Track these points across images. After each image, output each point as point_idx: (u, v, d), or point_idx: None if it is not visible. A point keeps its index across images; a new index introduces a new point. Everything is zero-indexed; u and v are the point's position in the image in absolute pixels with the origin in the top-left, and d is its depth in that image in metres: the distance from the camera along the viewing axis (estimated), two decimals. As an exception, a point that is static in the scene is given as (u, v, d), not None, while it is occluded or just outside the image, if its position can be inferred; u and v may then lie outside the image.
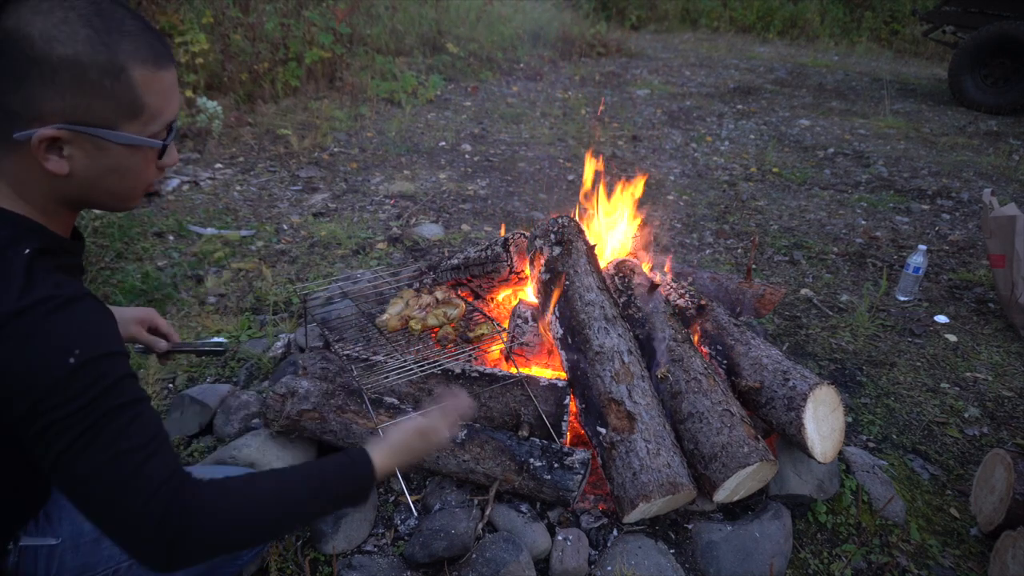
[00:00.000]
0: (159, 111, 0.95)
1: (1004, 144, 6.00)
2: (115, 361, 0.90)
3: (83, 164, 0.93)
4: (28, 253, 0.89)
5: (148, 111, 0.94)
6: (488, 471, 1.71)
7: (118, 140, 0.93)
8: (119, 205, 1.02)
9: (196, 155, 4.63)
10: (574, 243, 2.10)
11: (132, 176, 0.98)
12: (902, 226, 4.18)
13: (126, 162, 0.96)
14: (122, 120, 0.92)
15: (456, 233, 3.75)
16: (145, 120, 0.94)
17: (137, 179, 0.99)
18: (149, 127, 0.95)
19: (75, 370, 0.85)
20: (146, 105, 0.93)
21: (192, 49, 5.26)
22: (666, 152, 5.46)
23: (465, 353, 1.93)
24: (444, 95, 6.82)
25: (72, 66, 0.86)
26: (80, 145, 0.91)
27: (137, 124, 0.94)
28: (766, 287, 2.45)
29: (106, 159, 0.94)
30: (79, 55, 0.86)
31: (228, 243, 3.40)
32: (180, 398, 2.08)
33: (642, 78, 8.26)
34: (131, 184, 0.99)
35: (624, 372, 1.79)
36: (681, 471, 1.65)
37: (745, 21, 12.36)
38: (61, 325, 0.86)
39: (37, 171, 0.92)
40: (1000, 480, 1.86)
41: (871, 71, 9.38)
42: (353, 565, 1.60)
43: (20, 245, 0.90)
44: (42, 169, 0.91)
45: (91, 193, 0.97)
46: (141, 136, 0.95)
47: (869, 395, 2.53)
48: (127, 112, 0.92)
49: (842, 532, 1.85)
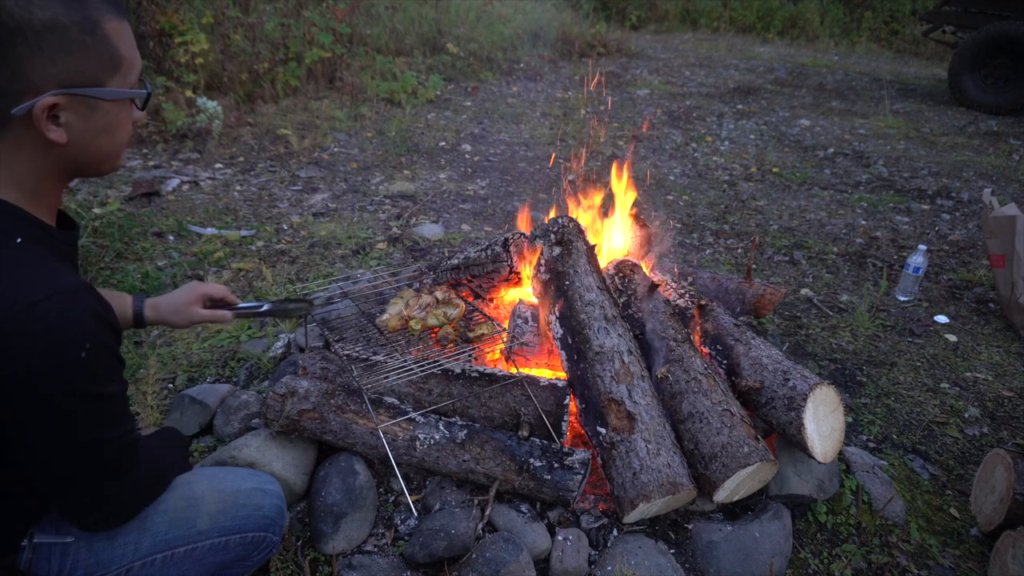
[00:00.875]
0: (132, 61, 0.96)
1: (1004, 144, 6.00)
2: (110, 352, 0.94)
3: (79, 129, 0.93)
4: (21, 243, 0.90)
5: (125, 62, 0.95)
6: (488, 471, 1.71)
7: (109, 96, 0.93)
8: (106, 167, 1.02)
9: (196, 155, 4.63)
10: (574, 243, 2.10)
11: (120, 132, 0.99)
12: (902, 226, 4.18)
13: (115, 118, 0.97)
14: (107, 76, 0.93)
15: (456, 233, 3.75)
16: (124, 72, 0.95)
17: (123, 135, 1.00)
18: (128, 78, 0.96)
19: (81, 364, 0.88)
20: (123, 56, 0.94)
21: (192, 49, 5.26)
22: (666, 152, 5.46)
23: (465, 353, 1.93)
24: (444, 95, 6.82)
25: (55, 28, 0.85)
26: (75, 109, 0.91)
27: (119, 77, 0.94)
28: (766, 287, 2.45)
29: (99, 119, 0.94)
30: (58, 16, 0.85)
31: (228, 243, 3.40)
32: (180, 398, 2.08)
33: (642, 78, 8.26)
34: (119, 141, 1.00)
35: (624, 372, 1.79)
36: (681, 471, 1.65)
37: (745, 21, 12.36)
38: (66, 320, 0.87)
39: (29, 148, 0.91)
40: (1000, 480, 1.86)
41: (871, 71, 9.38)
42: (353, 565, 1.60)
43: (12, 235, 0.90)
44: (34, 145, 0.91)
45: (83, 158, 0.97)
46: (126, 88, 0.96)
47: (869, 395, 2.53)
48: (109, 66, 0.92)
49: (842, 532, 1.85)
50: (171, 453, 1.28)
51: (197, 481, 1.25)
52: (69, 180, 1.02)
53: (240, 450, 1.76)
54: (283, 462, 1.77)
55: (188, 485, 1.23)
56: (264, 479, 1.35)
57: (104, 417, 0.96)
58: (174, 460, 1.27)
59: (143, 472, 1.11)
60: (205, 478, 1.28)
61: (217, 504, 1.23)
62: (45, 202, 0.98)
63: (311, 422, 1.79)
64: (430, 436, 1.75)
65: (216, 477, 1.30)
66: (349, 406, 1.81)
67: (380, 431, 1.73)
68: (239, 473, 1.35)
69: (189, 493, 1.21)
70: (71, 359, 0.87)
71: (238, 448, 1.77)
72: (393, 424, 1.77)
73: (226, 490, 1.26)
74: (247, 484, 1.30)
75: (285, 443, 1.81)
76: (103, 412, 0.96)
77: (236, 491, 1.27)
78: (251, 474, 1.36)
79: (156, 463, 1.18)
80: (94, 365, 0.90)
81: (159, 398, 2.22)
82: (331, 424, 1.78)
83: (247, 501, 1.27)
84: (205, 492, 1.23)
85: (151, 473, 1.16)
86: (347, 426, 1.78)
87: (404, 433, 1.76)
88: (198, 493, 1.22)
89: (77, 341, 0.87)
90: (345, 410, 1.80)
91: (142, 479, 1.12)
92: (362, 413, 1.79)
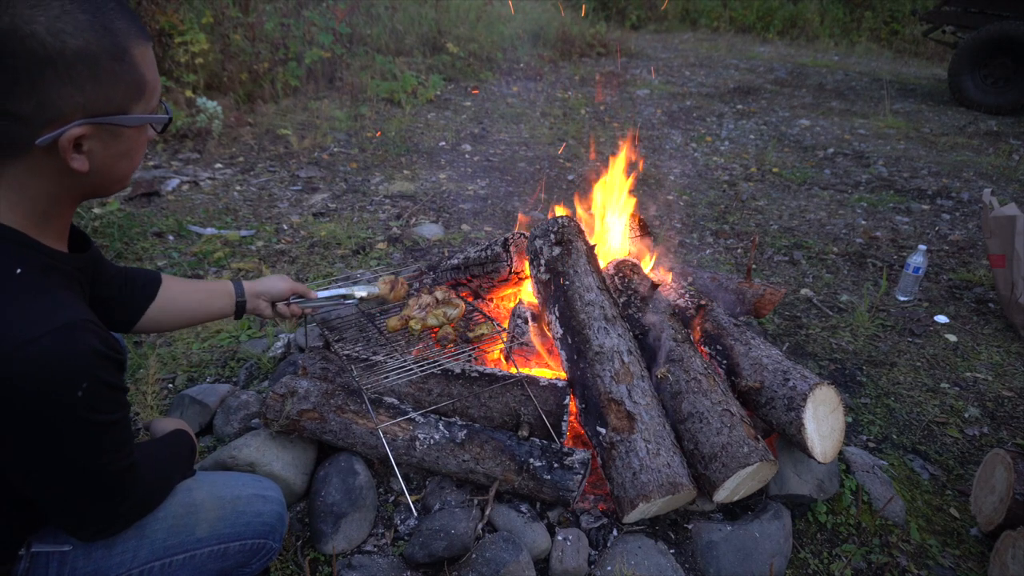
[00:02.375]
0: (155, 85, 0.95)
1: (1004, 144, 6.00)
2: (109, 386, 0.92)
3: (100, 156, 0.92)
4: (21, 273, 0.88)
5: (149, 87, 0.94)
6: (488, 471, 1.71)
7: (133, 123, 0.92)
8: (117, 188, 1.01)
9: (196, 155, 4.63)
10: (574, 243, 2.10)
11: (137, 155, 0.98)
12: (902, 226, 4.18)
13: (135, 144, 0.96)
14: (132, 102, 0.91)
15: (456, 233, 3.75)
16: (148, 97, 0.94)
17: (139, 158, 0.99)
18: (151, 103, 0.95)
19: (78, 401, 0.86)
20: (148, 81, 0.93)
21: (192, 49, 5.25)
22: (666, 152, 5.46)
23: (465, 353, 1.92)
24: (444, 95, 6.82)
25: (86, 57, 0.83)
26: (99, 137, 0.90)
27: (143, 103, 0.93)
28: (766, 287, 2.45)
29: (120, 145, 0.93)
30: (89, 44, 0.83)
31: (228, 243, 3.40)
32: (180, 398, 2.08)
33: (642, 78, 8.26)
34: (135, 164, 0.99)
35: (624, 372, 1.79)
36: (681, 471, 1.65)
37: (745, 21, 12.36)
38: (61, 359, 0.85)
39: (47, 175, 0.90)
40: (1000, 480, 1.86)
41: (871, 71, 9.38)
42: (353, 565, 1.59)
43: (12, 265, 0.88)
44: (53, 172, 0.89)
45: (100, 183, 0.96)
46: (148, 114, 0.94)
47: (869, 395, 2.53)
48: (135, 93, 0.91)
49: (842, 532, 1.85)
50: (175, 460, 1.27)
51: (197, 487, 1.24)
52: (80, 202, 1.00)
53: (240, 450, 1.76)
54: (283, 462, 1.77)
55: (188, 491, 1.22)
56: (265, 485, 1.34)
57: (103, 445, 0.95)
58: (176, 467, 1.25)
59: (142, 487, 1.11)
60: (205, 484, 1.26)
61: (216, 511, 1.22)
62: (55, 225, 0.96)
63: (311, 422, 1.79)
64: (430, 436, 1.75)
65: (216, 483, 1.28)
66: (349, 406, 1.81)
67: (380, 431, 1.73)
68: (240, 479, 1.33)
69: (188, 500, 1.20)
70: (67, 397, 0.85)
71: (238, 448, 1.77)
72: (393, 424, 1.77)
73: (226, 496, 1.25)
74: (248, 490, 1.29)
75: (285, 443, 1.81)
76: (101, 440, 0.94)
77: (236, 498, 1.26)
78: (252, 479, 1.34)
79: (158, 474, 1.18)
80: (92, 400, 0.88)
81: (159, 398, 2.22)
82: (331, 424, 1.78)
83: (247, 508, 1.26)
84: (205, 499, 1.22)
85: (151, 486, 1.15)
86: (347, 426, 1.78)
87: (404, 433, 1.76)
88: (197, 500, 1.21)
89: (74, 379, 0.85)
90: (345, 410, 1.80)
91: (141, 494, 1.12)
92: (362, 413, 1.79)
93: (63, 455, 0.91)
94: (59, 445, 0.89)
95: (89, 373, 0.87)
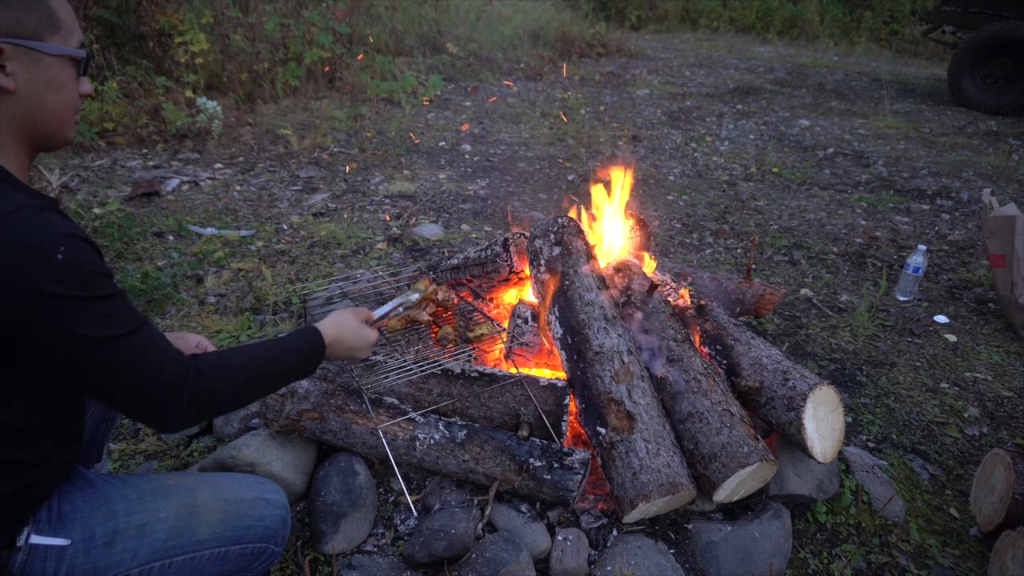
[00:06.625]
0: (71, 28, 1.04)
1: (1004, 144, 6.00)
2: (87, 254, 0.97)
3: (25, 80, 0.99)
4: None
5: (64, 26, 1.03)
6: (488, 471, 1.71)
7: (50, 51, 1.00)
8: (59, 133, 1.07)
9: (196, 155, 4.63)
10: (574, 243, 2.10)
11: (66, 92, 1.05)
12: (902, 226, 4.18)
13: (59, 76, 1.03)
14: (47, 33, 1.00)
15: (456, 233, 3.75)
16: (64, 35, 1.03)
17: (69, 95, 1.06)
18: (68, 42, 1.04)
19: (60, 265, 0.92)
20: (62, 20, 1.02)
21: (192, 49, 5.26)
22: (666, 152, 5.47)
23: (465, 353, 1.93)
24: (444, 95, 6.82)
25: None
26: (19, 59, 0.98)
27: (59, 37, 1.02)
28: (766, 287, 2.45)
29: (43, 72, 1.01)
30: None
31: (228, 243, 3.40)
32: (180, 398, 2.08)
33: (642, 78, 8.26)
34: (66, 101, 1.05)
35: (624, 372, 1.79)
36: (681, 471, 1.65)
37: (745, 21, 12.37)
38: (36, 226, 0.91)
39: None
40: (1000, 480, 1.86)
41: (871, 71, 9.38)
42: (353, 565, 1.60)
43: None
44: None
45: (34, 115, 1.02)
46: (67, 48, 1.02)
47: (869, 395, 2.53)
48: (49, 25, 1.00)
49: (842, 532, 1.85)
50: (272, 360, 1.21)
51: (199, 488, 1.23)
52: (31, 149, 1.05)
53: (240, 450, 1.76)
54: (283, 462, 1.77)
55: (190, 492, 1.21)
56: (269, 488, 1.32)
57: (102, 318, 0.97)
58: (265, 368, 1.19)
59: (207, 374, 1.08)
60: (208, 485, 1.25)
61: (218, 513, 1.21)
62: (11, 164, 1.02)
63: (311, 422, 1.79)
64: (430, 436, 1.75)
65: (219, 485, 1.27)
66: (349, 406, 1.81)
67: (380, 431, 1.73)
68: (244, 481, 1.31)
69: (190, 501, 1.19)
70: (48, 260, 0.91)
71: (238, 448, 1.77)
72: (393, 424, 1.77)
73: (228, 499, 1.24)
74: (251, 493, 1.27)
75: (285, 443, 1.81)
76: (102, 309, 0.97)
77: (238, 500, 1.25)
78: (256, 482, 1.32)
79: (221, 369, 1.12)
80: (73, 266, 0.93)
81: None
82: (331, 424, 1.78)
83: (249, 511, 1.25)
84: (207, 500, 1.21)
85: (219, 373, 1.10)
86: (347, 426, 1.78)
87: (404, 433, 1.76)
88: (199, 501, 1.20)
89: (51, 243, 0.91)
90: (345, 410, 1.80)
91: (202, 380, 1.07)
92: (362, 413, 1.79)
93: (62, 318, 0.93)
94: (56, 307, 0.92)
95: (65, 240, 0.93)
